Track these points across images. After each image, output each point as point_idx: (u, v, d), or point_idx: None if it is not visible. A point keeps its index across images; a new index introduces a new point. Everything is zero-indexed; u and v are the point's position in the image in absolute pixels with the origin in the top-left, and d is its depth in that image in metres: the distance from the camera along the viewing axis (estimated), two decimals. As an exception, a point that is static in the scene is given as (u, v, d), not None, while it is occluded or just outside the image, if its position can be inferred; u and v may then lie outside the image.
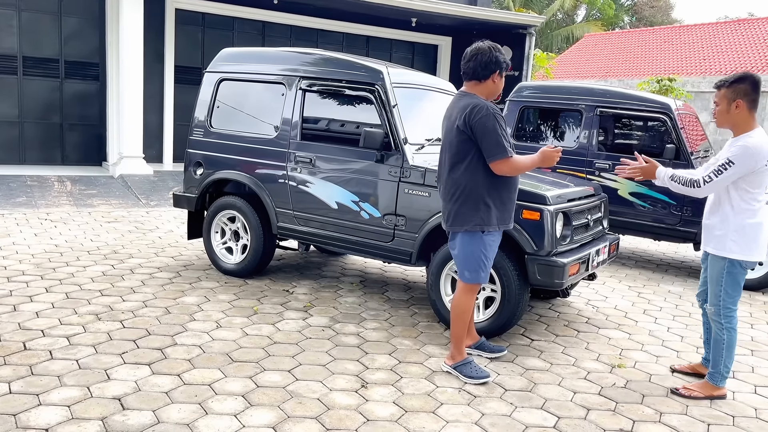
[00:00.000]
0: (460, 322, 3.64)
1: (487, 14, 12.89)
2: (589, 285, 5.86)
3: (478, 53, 3.49)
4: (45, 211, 7.77)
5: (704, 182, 3.34)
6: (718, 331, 3.50)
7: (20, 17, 10.51)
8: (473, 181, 3.45)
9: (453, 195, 3.52)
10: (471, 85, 3.55)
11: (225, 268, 5.39)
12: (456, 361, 3.65)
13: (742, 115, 3.36)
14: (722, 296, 3.44)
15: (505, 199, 3.54)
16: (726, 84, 3.38)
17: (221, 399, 3.15)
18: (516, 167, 3.44)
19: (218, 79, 5.45)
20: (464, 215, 3.49)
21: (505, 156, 3.37)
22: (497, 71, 3.50)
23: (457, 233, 3.56)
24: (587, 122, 6.89)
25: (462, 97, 3.55)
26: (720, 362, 3.50)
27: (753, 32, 22.52)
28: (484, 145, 3.38)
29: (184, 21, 11.80)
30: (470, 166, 3.45)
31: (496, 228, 3.52)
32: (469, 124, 3.39)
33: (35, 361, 3.45)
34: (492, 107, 3.42)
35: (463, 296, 3.63)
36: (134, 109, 10.20)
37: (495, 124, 3.37)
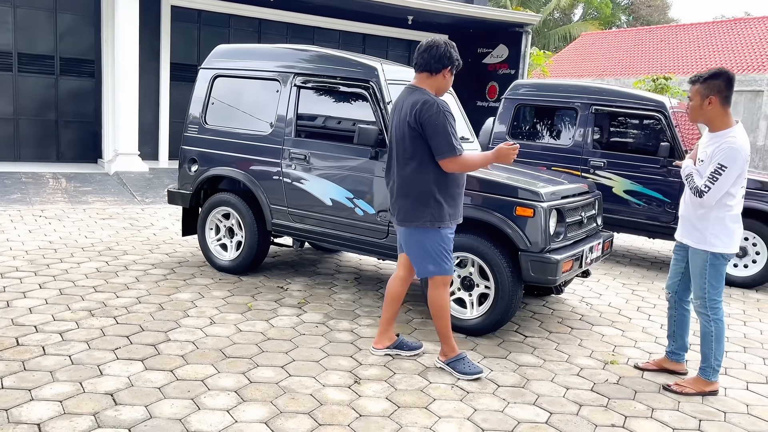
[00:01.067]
0: (442, 319, 3.62)
1: (483, 12, 12.89)
2: (583, 282, 5.88)
3: (433, 46, 3.47)
4: (39, 208, 7.75)
5: (702, 192, 3.33)
6: (705, 324, 3.51)
7: (15, 14, 10.48)
8: (424, 178, 3.45)
9: (403, 191, 3.51)
10: (422, 77, 3.52)
11: (219, 265, 5.39)
12: (448, 357, 3.65)
13: (715, 111, 3.37)
14: (707, 288, 3.47)
15: (455, 195, 3.55)
16: (700, 80, 3.39)
17: (214, 394, 3.15)
18: (466, 165, 3.44)
19: (213, 76, 5.44)
20: (416, 211, 3.49)
21: (453, 154, 3.37)
22: (449, 67, 3.50)
23: (409, 229, 3.55)
24: (582, 120, 6.90)
25: (412, 92, 3.51)
26: (710, 355, 3.52)
27: (749, 32, 22.58)
28: (433, 144, 3.38)
29: (179, 18, 11.78)
30: (421, 163, 3.44)
31: (448, 224, 3.53)
32: (419, 122, 3.38)
33: (28, 356, 3.44)
34: (442, 104, 3.41)
35: (435, 291, 3.60)
36: (130, 106, 10.18)
37: (445, 122, 3.37)
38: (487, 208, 4.12)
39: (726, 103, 3.37)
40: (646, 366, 3.88)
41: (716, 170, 3.30)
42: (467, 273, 4.25)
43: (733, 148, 3.29)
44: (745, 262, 6.16)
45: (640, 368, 3.88)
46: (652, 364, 3.88)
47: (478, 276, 4.21)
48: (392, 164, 3.59)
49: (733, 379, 3.85)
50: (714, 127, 3.42)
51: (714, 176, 3.30)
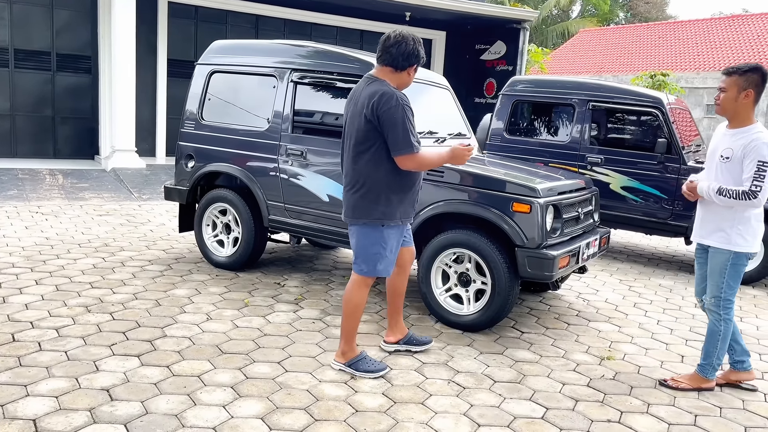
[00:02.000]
0: (352, 319, 3.47)
1: (481, 9, 12.87)
2: (580, 278, 5.88)
3: (402, 42, 3.29)
4: (36, 204, 7.73)
5: (755, 193, 3.23)
6: (715, 323, 3.48)
7: (12, 9, 10.44)
8: (376, 172, 3.30)
9: (354, 186, 3.35)
10: (385, 71, 3.34)
11: (216, 261, 5.38)
12: (348, 359, 3.49)
13: (747, 106, 3.33)
14: (724, 288, 3.43)
15: (408, 193, 3.41)
16: (739, 71, 3.32)
17: (210, 390, 3.15)
18: (421, 163, 3.29)
19: (209, 72, 5.43)
20: (364, 208, 3.34)
21: (410, 151, 3.21)
22: (414, 65, 3.37)
23: (355, 225, 3.42)
24: (579, 116, 6.90)
25: (371, 83, 3.33)
26: (713, 354, 3.50)
27: (747, 28, 22.59)
28: (390, 138, 3.22)
29: (177, 14, 11.75)
30: (374, 156, 3.28)
31: (398, 222, 3.40)
32: (376, 114, 3.20)
33: (24, 352, 3.44)
34: (402, 97, 3.23)
35: (356, 290, 3.46)
36: (127, 103, 10.15)
37: (404, 116, 3.20)
38: (484, 203, 4.12)
39: (757, 100, 3.34)
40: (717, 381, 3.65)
41: (759, 168, 3.22)
42: (464, 269, 4.25)
43: (765, 143, 3.24)
44: (742, 259, 6.16)
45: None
46: (720, 378, 3.66)
47: (475, 272, 4.21)
48: (343, 156, 3.44)
49: (729, 375, 3.85)
50: (738, 122, 3.36)
51: (760, 174, 3.21)
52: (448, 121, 5.30)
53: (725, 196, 3.30)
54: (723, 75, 3.41)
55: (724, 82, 3.38)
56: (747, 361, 3.66)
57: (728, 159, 3.35)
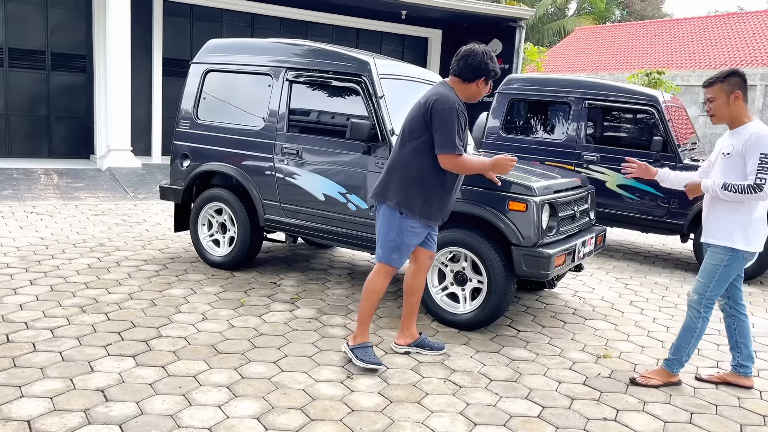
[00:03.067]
0: (367, 303, 3.62)
1: (477, 7, 12.87)
2: (576, 276, 5.89)
3: (470, 55, 3.50)
4: (31, 204, 7.71)
5: (761, 186, 3.22)
6: (693, 319, 3.50)
7: (6, 8, 10.40)
8: (412, 163, 3.46)
9: (391, 168, 3.54)
10: (455, 80, 3.56)
11: (212, 261, 5.37)
12: (356, 343, 3.62)
13: (740, 106, 3.36)
14: (711, 288, 3.43)
15: (439, 194, 3.52)
16: (720, 79, 3.38)
17: (205, 390, 3.14)
18: (462, 166, 3.44)
19: (205, 71, 5.41)
20: (391, 190, 3.50)
21: (452, 151, 3.37)
22: (483, 77, 3.52)
23: (382, 205, 3.55)
24: (575, 114, 6.90)
25: (440, 85, 3.56)
26: (684, 350, 3.53)
27: (742, 26, 22.63)
28: (437, 135, 3.39)
29: (172, 13, 11.71)
30: (415, 149, 3.45)
31: (416, 217, 3.50)
32: (430, 111, 3.40)
33: (18, 353, 3.42)
34: (458, 103, 3.42)
35: (375, 277, 3.60)
36: (122, 102, 10.12)
37: (454, 120, 3.37)
38: (480, 202, 4.11)
39: (746, 99, 3.38)
40: (709, 378, 3.69)
41: (762, 161, 3.22)
42: (460, 268, 4.25)
43: (765, 135, 3.25)
44: (738, 256, 6.17)
45: (703, 380, 3.69)
46: (716, 378, 3.67)
47: (471, 271, 4.21)
48: (395, 147, 3.60)
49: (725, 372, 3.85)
50: (736, 123, 3.39)
51: (763, 167, 3.22)
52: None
53: (731, 190, 3.29)
54: (705, 87, 3.45)
55: (710, 93, 3.42)
56: (750, 368, 3.65)
57: (728, 155, 3.37)
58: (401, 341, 3.84)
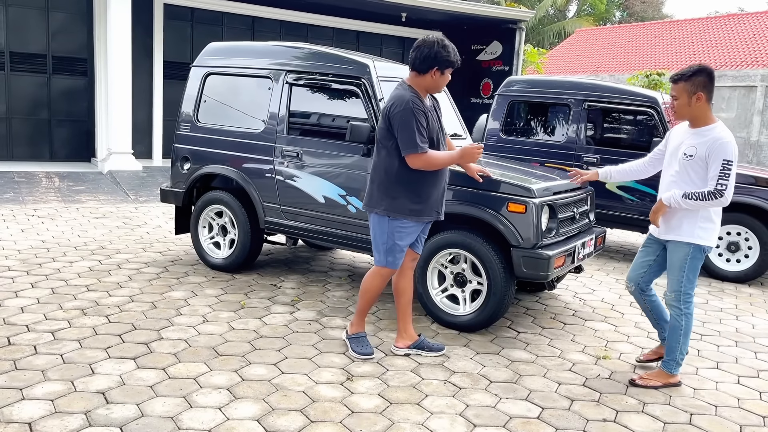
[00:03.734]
0: (363, 300, 3.78)
1: (477, 9, 12.89)
2: (576, 278, 5.89)
3: (421, 45, 3.50)
4: (32, 207, 7.73)
5: (721, 192, 3.29)
6: (676, 318, 3.53)
7: (7, 12, 10.43)
8: (389, 168, 3.54)
9: (372, 176, 3.64)
10: (411, 75, 3.58)
11: (212, 263, 5.38)
12: (353, 332, 3.81)
13: (702, 107, 3.39)
14: (684, 282, 3.48)
15: (422, 191, 3.57)
16: (684, 77, 3.39)
17: (206, 392, 3.15)
18: (429, 162, 3.48)
19: (205, 74, 5.43)
20: (376, 198, 3.60)
21: (414, 151, 3.43)
22: (436, 67, 3.50)
23: (371, 213, 3.66)
24: (575, 116, 6.91)
25: (397, 88, 3.60)
26: (676, 349, 3.55)
27: (742, 27, 22.64)
28: (399, 138, 3.46)
29: (172, 16, 11.74)
30: (389, 154, 3.54)
31: (406, 218, 3.56)
32: (388, 117, 3.49)
33: (19, 355, 3.43)
34: (412, 101, 3.44)
35: (370, 277, 3.74)
36: (123, 105, 10.14)
37: (410, 119, 3.41)
38: (479, 204, 4.12)
39: (710, 99, 3.40)
40: (647, 357, 3.88)
41: (724, 167, 3.28)
42: (460, 269, 4.26)
43: (729, 142, 3.31)
44: (738, 257, 6.19)
45: (642, 361, 3.87)
46: (652, 354, 3.88)
47: (471, 272, 4.22)
48: (373, 155, 3.70)
49: (725, 373, 3.87)
50: (699, 123, 3.43)
51: (725, 173, 3.28)
52: (444, 121, 5.29)
53: (692, 199, 3.35)
54: (671, 83, 3.47)
55: (673, 90, 3.44)
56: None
57: (691, 157, 3.40)
58: (400, 344, 3.85)
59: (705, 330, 4.69)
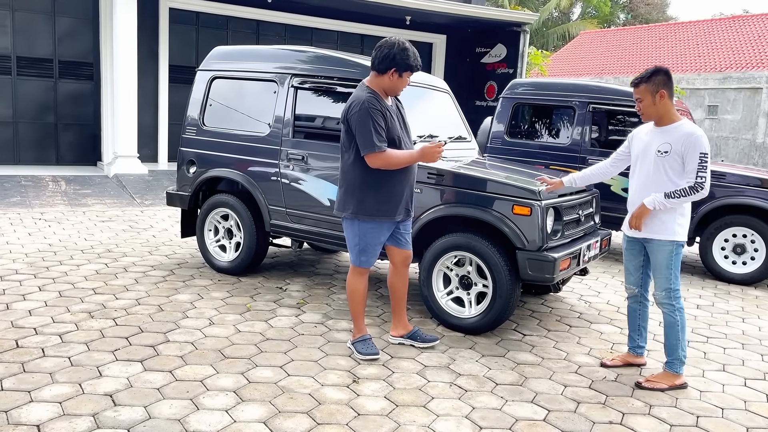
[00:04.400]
0: (352, 302, 3.83)
1: (481, 12, 12.90)
2: (581, 280, 5.89)
3: (382, 46, 3.53)
4: (39, 211, 7.77)
5: (701, 184, 3.38)
6: (670, 315, 3.57)
7: (14, 17, 10.49)
8: (353, 171, 3.59)
9: (340, 181, 3.69)
10: (371, 76, 3.61)
11: (218, 266, 5.40)
12: (355, 338, 3.84)
13: (666, 104, 3.49)
14: (672, 279, 3.53)
15: (387, 191, 3.60)
16: (644, 79, 3.50)
17: (213, 395, 3.17)
18: (388, 162, 3.50)
19: (210, 77, 5.46)
20: (344, 202, 3.66)
21: (372, 150, 3.45)
22: (393, 68, 3.52)
23: (342, 218, 3.73)
24: (580, 119, 6.91)
25: (357, 89, 3.63)
26: (678, 346, 3.57)
27: (747, 29, 22.59)
28: (357, 139, 3.50)
29: (178, 20, 11.79)
30: (352, 156, 3.58)
31: (374, 218, 3.61)
32: (346, 119, 3.53)
33: (27, 358, 3.45)
34: (368, 102, 3.46)
35: (350, 277, 3.81)
36: (129, 109, 10.19)
37: (366, 119, 3.44)
38: (485, 206, 4.13)
39: (672, 96, 3.51)
40: (613, 363, 3.87)
41: (702, 159, 3.38)
42: (465, 272, 4.26)
43: (702, 135, 3.43)
44: (744, 260, 6.17)
45: (608, 366, 3.85)
46: (618, 360, 3.88)
47: (476, 275, 4.22)
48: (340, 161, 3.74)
49: (732, 375, 3.86)
50: (665, 121, 3.52)
51: (703, 166, 3.38)
52: (449, 124, 5.32)
53: (675, 197, 3.41)
54: (633, 87, 3.57)
55: (637, 94, 3.55)
56: (644, 348, 3.91)
57: (666, 153, 3.47)
58: (395, 333, 4.02)
59: (711, 332, 4.68)
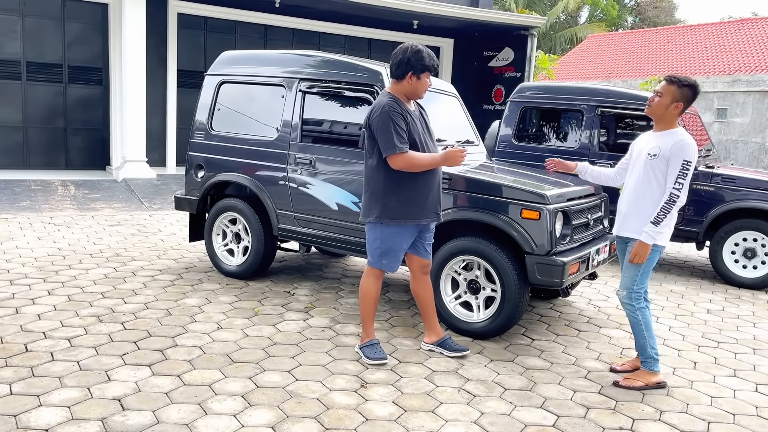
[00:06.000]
0: (363, 305, 3.81)
1: (488, 16, 12.90)
2: (590, 285, 5.86)
3: (397, 52, 3.61)
4: (48, 215, 7.81)
5: (677, 195, 3.42)
6: (632, 315, 3.60)
7: (24, 23, 10.58)
8: (377, 175, 3.61)
9: (365, 186, 3.72)
10: (392, 83, 3.68)
11: (226, 270, 5.41)
12: (363, 342, 3.82)
13: (674, 115, 3.56)
14: (638, 280, 3.56)
15: (411, 194, 3.61)
16: (679, 83, 3.52)
17: (221, 399, 3.16)
18: (411, 163, 3.52)
19: (219, 82, 5.47)
20: (369, 208, 3.68)
21: (393, 152, 3.48)
22: (410, 71, 3.57)
23: (366, 222, 3.74)
24: (588, 122, 6.88)
25: (379, 96, 3.71)
26: (646, 345, 3.59)
27: (756, 32, 22.47)
28: (379, 142, 3.53)
29: (186, 25, 11.85)
30: (375, 161, 3.61)
31: (398, 222, 3.62)
32: (368, 124, 3.58)
33: (36, 362, 3.47)
34: (389, 106, 3.52)
35: (365, 278, 3.79)
36: (137, 113, 10.24)
37: (387, 122, 3.48)
38: (493, 210, 4.12)
39: (683, 112, 3.59)
40: (623, 368, 3.84)
41: (684, 167, 3.42)
42: (473, 276, 4.25)
43: (690, 144, 3.46)
44: (755, 264, 6.12)
45: (618, 371, 3.82)
46: (628, 365, 3.85)
47: (485, 279, 4.21)
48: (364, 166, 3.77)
49: (743, 381, 3.82)
50: (664, 126, 3.58)
51: (683, 173, 3.42)
52: (457, 128, 5.31)
53: (661, 217, 3.43)
54: (664, 80, 3.59)
55: (662, 88, 3.57)
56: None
57: (655, 156, 3.52)
58: (427, 339, 4.03)
59: (722, 337, 4.64)
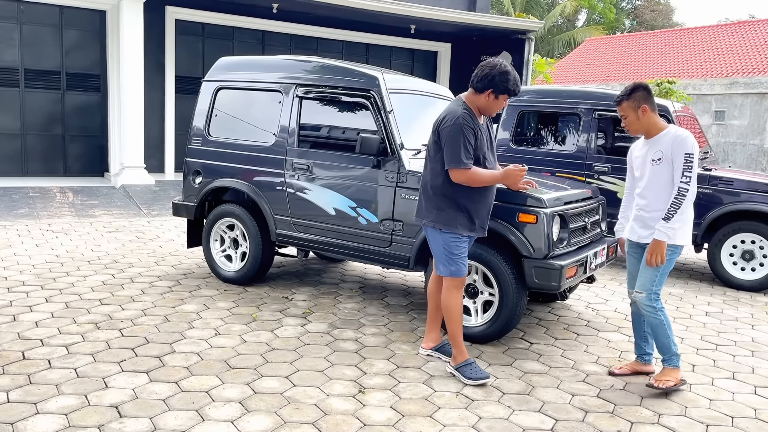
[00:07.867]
0: (449, 321, 3.70)
1: (486, 20, 12.93)
2: (589, 288, 5.85)
3: (483, 65, 3.59)
4: (47, 222, 7.80)
5: (686, 188, 3.41)
6: (653, 316, 3.58)
7: (21, 30, 10.60)
8: (435, 180, 3.60)
9: (422, 188, 3.71)
10: (469, 92, 3.65)
11: (224, 276, 5.40)
12: (458, 362, 3.68)
13: (650, 118, 3.56)
14: (656, 281, 3.54)
15: (464, 205, 3.61)
16: (625, 96, 3.56)
17: (218, 405, 3.16)
18: (471, 179, 3.52)
19: (216, 88, 5.48)
20: (424, 210, 3.68)
21: (457, 166, 3.48)
22: (490, 89, 3.56)
23: (424, 225, 3.72)
24: (586, 125, 6.90)
25: (452, 103, 3.67)
26: (669, 343, 3.59)
27: (753, 34, 22.53)
28: (445, 151, 3.52)
29: (184, 31, 11.88)
30: (437, 167, 3.59)
31: (453, 229, 3.60)
32: (438, 130, 3.56)
33: (34, 370, 3.46)
34: (462, 117, 3.50)
35: (446, 293, 3.70)
36: (135, 120, 10.26)
37: (459, 135, 3.47)
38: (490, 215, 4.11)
39: (654, 109, 3.56)
40: (621, 371, 3.85)
41: (687, 160, 3.42)
42: (471, 280, 4.24)
43: (687, 137, 3.46)
44: (753, 266, 6.12)
45: (616, 374, 3.83)
46: (626, 369, 3.86)
47: (482, 283, 4.20)
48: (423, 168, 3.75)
49: (741, 384, 3.82)
50: (653, 132, 3.60)
51: (688, 166, 3.42)
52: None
53: (672, 214, 3.42)
54: (616, 106, 3.64)
55: (620, 111, 3.61)
56: (651, 356, 3.89)
57: (660, 161, 3.54)
58: (425, 345, 4.01)
59: (720, 340, 4.63)
